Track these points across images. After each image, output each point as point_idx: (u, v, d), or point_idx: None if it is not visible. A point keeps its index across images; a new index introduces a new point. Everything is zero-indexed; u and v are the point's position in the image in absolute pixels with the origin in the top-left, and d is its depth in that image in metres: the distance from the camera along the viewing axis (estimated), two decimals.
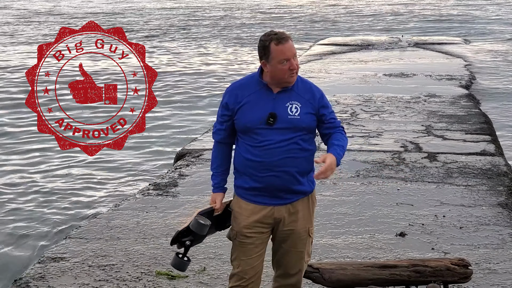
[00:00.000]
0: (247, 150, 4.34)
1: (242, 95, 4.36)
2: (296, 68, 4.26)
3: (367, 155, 9.66)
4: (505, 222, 7.13)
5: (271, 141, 4.27)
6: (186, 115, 14.73)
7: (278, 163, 4.27)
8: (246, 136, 4.34)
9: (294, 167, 4.31)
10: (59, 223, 8.36)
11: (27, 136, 12.75)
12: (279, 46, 4.21)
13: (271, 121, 4.27)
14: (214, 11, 39.26)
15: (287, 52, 4.22)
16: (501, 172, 8.86)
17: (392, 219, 7.24)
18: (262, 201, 4.37)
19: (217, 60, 22.21)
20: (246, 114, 4.32)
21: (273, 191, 4.34)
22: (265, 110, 4.29)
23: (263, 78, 4.35)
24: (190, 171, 9.11)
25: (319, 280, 5.44)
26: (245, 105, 4.33)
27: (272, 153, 4.27)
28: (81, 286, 5.75)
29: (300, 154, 4.32)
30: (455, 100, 13.72)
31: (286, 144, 4.28)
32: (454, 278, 5.54)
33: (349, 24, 32.43)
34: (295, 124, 4.29)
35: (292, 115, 4.29)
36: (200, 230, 4.36)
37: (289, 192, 4.36)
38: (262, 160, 4.27)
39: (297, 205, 4.41)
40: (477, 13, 35.56)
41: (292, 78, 4.29)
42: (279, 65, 4.23)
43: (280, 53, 4.22)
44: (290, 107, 4.30)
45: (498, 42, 24.96)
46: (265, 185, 4.31)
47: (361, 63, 19.12)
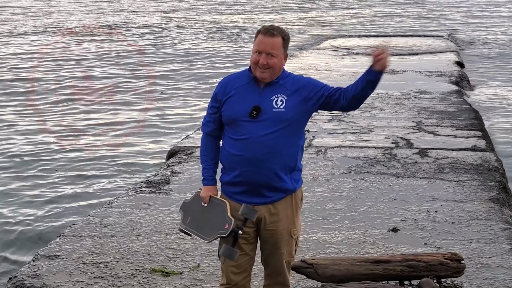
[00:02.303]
0: (230, 143, 4.32)
1: (231, 87, 4.35)
2: (262, 64, 4.21)
3: (359, 152, 9.69)
4: (496, 217, 7.18)
5: (253, 135, 4.24)
6: (178, 113, 14.72)
7: (260, 158, 4.24)
8: (231, 129, 4.33)
9: (277, 163, 4.27)
10: (53, 221, 8.35)
11: (22, 134, 12.74)
12: (260, 36, 4.25)
13: (254, 114, 4.24)
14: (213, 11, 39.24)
15: (261, 45, 4.23)
16: (492, 167, 8.91)
17: (384, 214, 7.28)
18: (242, 199, 4.33)
19: (210, 58, 22.19)
20: (232, 106, 4.31)
21: (254, 187, 4.30)
22: (251, 103, 4.28)
23: (252, 71, 4.34)
24: (182, 169, 9.12)
25: (313, 275, 5.47)
26: (232, 97, 4.32)
27: (253, 147, 4.24)
28: (75, 284, 5.75)
29: (284, 150, 4.27)
30: (445, 96, 13.78)
31: (269, 138, 4.23)
32: (447, 273, 5.59)
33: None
34: (279, 116, 4.24)
35: (277, 108, 4.25)
36: (252, 215, 4.26)
37: (270, 189, 4.31)
38: (242, 154, 4.24)
39: (278, 205, 4.36)
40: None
41: (262, 74, 4.25)
42: (254, 53, 4.27)
43: (257, 43, 4.26)
44: (276, 100, 4.27)
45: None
46: (245, 179, 4.27)
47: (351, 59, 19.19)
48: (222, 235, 4.27)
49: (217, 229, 4.30)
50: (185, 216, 4.56)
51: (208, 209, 4.44)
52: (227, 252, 4.25)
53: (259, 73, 4.26)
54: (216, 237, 4.32)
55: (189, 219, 4.52)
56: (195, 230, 4.47)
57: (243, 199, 4.34)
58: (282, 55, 4.28)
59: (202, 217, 4.46)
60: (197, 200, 4.56)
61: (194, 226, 4.49)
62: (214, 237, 4.33)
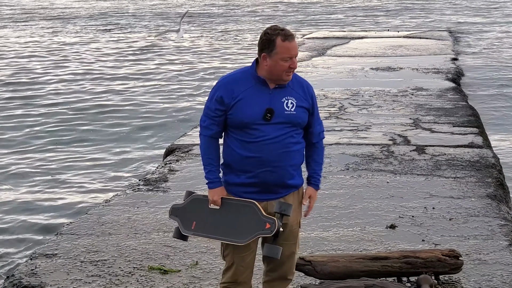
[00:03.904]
0: (242, 146, 4.32)
1: (238, 90, 4.31)
2: (296, 67, 4.28)
3: (356, 149, 9.70)
4: (494, 213, 7.18)
5: (267, 137, 4.28)
6: (175, 110, 14.72)
7: (275, 159, 4.29)
8: (241, 131, 4.32)
9: (289, 161, 4.34)
10: (50, 219, 8.35)
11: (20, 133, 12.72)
12: (285, 42, 4.21)
13: (269, 117, 4.27)
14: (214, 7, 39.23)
15: (292, 51, 4.24)
16: (489, 164, 8.92)
17: (382, 211, 7.28)
18: (255, 197, 4.36)
19: (206, 56, 22.19)
20: (243, 109, 4.29)
21: (267, 186, 4.34)
22: (262, 105, 4.29)
23: (258, 72, 4.33)
24: (180, 166, 9.12)
25: (312, 272, 5.47)
26: (241, 101, 4.30)
27: (268, 148, 4.28)
28: (73, 282, 5.75)
29: (294, 147, 4.36)
30: (442, 93, 13.79)
31: (282, 139, 4.30)
32: (445, 269, 5.60)
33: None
34: (291, 119, 4.31)
35: (289, 111, 4.31)
36: (289, 210, 4.29)
37: (283, 187, 4.39)
38: (260, 156, 4.27)
39: (288, 198, 4.43)
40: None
41: (289, 77, 4.31)
42: (281, 61, 4.23)
43: (285, 50, 4.22)
44: (286, 102, 4.32)
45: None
46: (260, 180, 4.31)
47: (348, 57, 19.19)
48: (266, 235, 4.26)
49: (255, 230, 4.27)
50: (184, 222, 4.48)
51: (227, 211, 4.38)
52: (273, 251, 4.28)
53: (287, 76, 4.29)
54: (255, 237, 4.30)
55: (194, 224, 4.44)
56: (210, 234, 4.40)
57: (256, 197, 4.36)
58: None
59: (219, 220, 4.38)
60: (195, 203, 4.50)
61: (207, 230, 4.41)
62: (252, 238, 4.31)
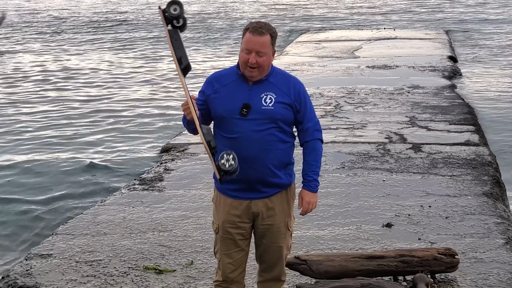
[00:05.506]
0: (224, 141, 4.30)
1: (219, 84, 4.34)
2: (252, 63, 4.19)
3: (352, 147, 9.68)
4: (490, 212, 7.17)
5: (245, 133, 4.24)
6: (170, 108, 14.67)
7: (254, 155, 4.24)
8: (223, 127, 4.32)
9: (270, 160, 4.28)
10: (45, 219, 8.30)
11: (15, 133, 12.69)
12: (249, 34, 4.20)
13: (245, 112, 4.24)
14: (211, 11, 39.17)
15: (250, 44, 4.19)
16: (485, 162, 8.91)
17: (378, 210, 7.27)
18: (238, 195, 4.35)
19: (202, 56, 22.16)
20: (221, 103, 4.30)
21: (249, 183, 4.30)
22: (240, 100, 4.27)
23: (241, 69, 4.32)
24: (175, 166, 9.10)
25: (307, 271, 5.46)
26: (220, 94, 4.31)
27: (247, 145, 4.24)
28: (68, 282, 5.73)
29: (276, 146, 4.29)
30: (438, 91, 13.78)
31: (261, 136, 4.24)
32: (441, 268, 5.59)
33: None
34: (269, 115, 4.25)
35: (266, 106, 4.25)
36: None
37: (266, 185, 4.33)
38: (238, 152, 4.17)
39: (274, 199, 4.39)
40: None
41: (251, 73, 4.25)
42: (242, 52, 4.24)
43: (246, 41, 4.21)
44: (265, 98, 4.27)
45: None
46: (241, 177, 4.23)
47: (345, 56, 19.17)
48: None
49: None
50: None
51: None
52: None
53: (248, 72, 4.25)
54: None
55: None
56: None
57: (239, 195, 4.35)
58: (271, 52, 4.26)
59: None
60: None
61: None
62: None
